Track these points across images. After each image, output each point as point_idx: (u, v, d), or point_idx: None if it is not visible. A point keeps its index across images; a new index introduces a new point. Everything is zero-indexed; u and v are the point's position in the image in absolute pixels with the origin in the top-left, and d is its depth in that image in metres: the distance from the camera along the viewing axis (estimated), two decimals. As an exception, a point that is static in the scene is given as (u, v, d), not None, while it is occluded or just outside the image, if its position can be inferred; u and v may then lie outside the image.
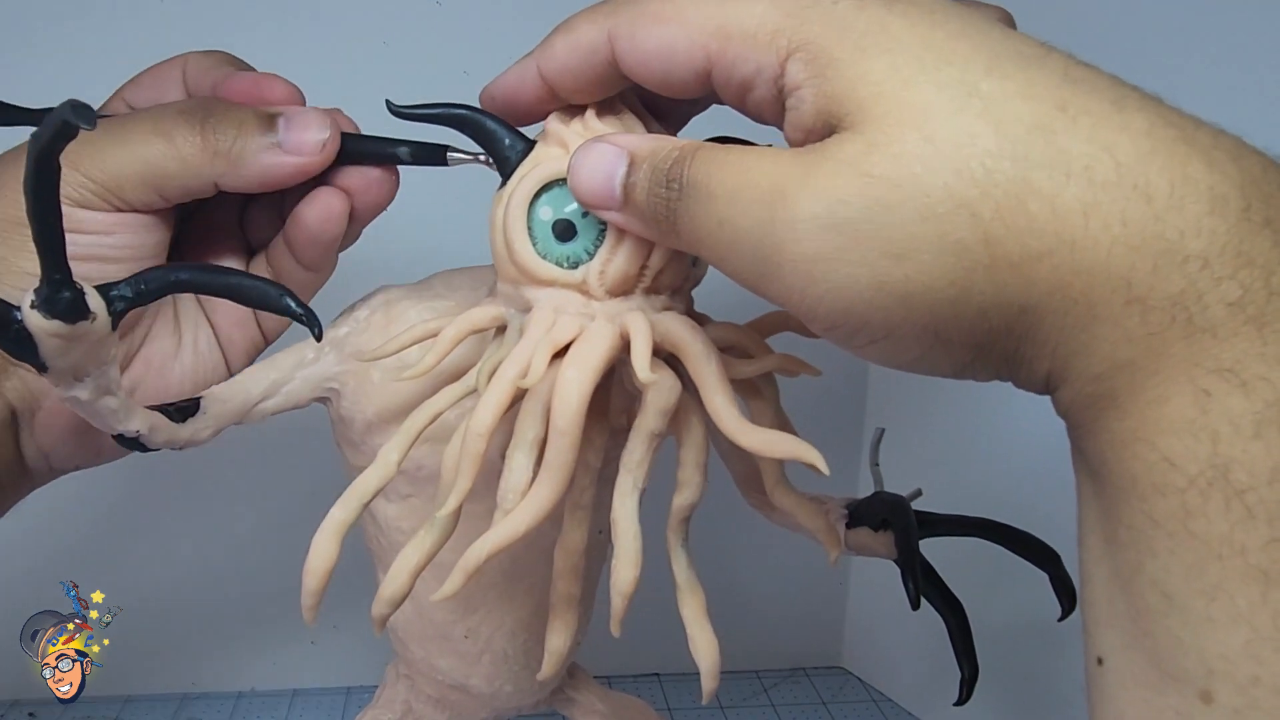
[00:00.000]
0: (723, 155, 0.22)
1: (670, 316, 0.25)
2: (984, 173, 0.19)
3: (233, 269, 0.26)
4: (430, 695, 0.39)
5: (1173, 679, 0.19)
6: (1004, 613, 0.46)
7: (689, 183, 0.22)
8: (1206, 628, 0.19)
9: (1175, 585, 0.19)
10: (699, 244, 0.22)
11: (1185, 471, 0.19)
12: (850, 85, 0.21)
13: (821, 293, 0.20)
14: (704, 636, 0.27)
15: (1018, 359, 0.21)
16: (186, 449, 0.31)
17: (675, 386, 0.24)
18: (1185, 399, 0.19)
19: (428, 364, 0.27)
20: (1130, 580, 0.20)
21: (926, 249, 0.20)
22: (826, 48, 0.21)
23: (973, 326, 0.20)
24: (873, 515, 0.35)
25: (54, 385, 0.25)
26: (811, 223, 0.20)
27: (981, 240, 0.20)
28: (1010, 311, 0.20)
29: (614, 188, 0.23)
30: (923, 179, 0.20)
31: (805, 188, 0.20)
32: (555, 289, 0.26)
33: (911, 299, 0.20)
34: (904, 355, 0.22)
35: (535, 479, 0.24)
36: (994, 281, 0.20)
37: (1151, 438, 0.19)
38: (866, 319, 0.21)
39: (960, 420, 0.55)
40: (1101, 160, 0.19)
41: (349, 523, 0.27)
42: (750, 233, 0.21)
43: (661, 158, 0.23)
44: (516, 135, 0.27)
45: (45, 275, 0.22)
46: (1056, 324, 0.20)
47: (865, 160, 0.20)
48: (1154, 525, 0.19)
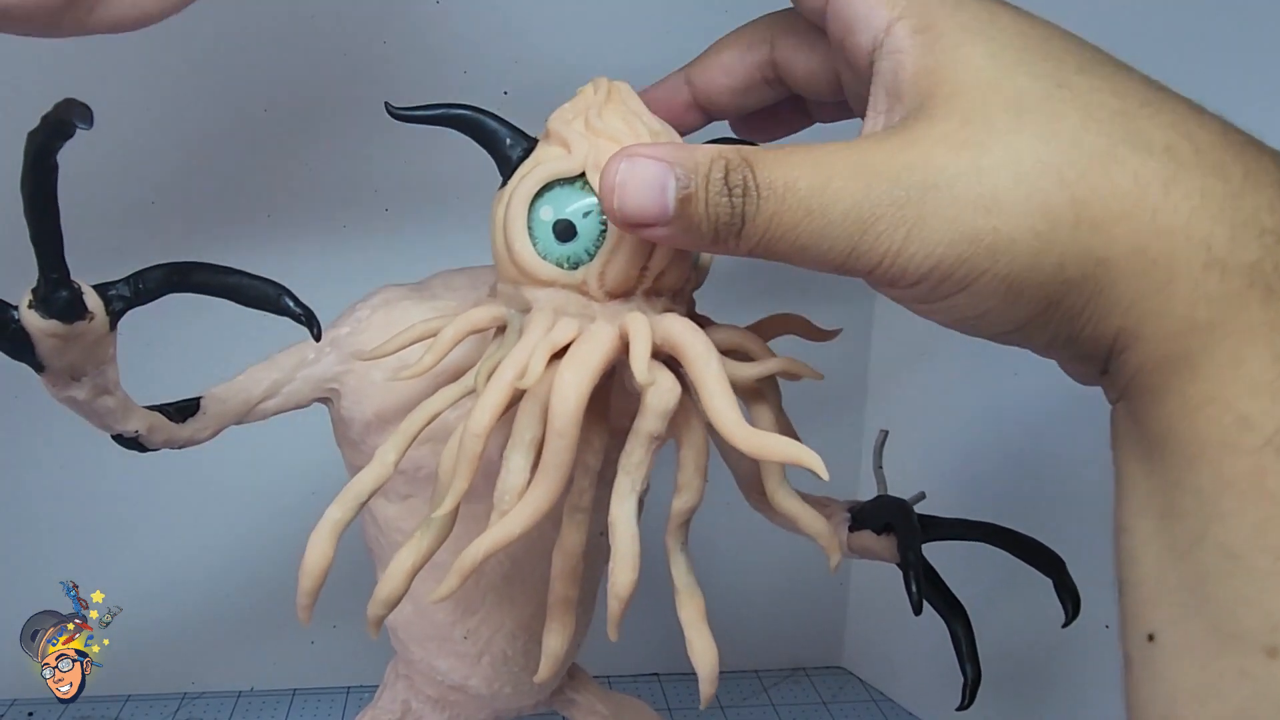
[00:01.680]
0: (787, 154, 0.22)
1: (671, 318, 0.25)
2: (1071, 143, 0.21)
3: (233, 269, 0.26)
4: (430, 696, 0.39)
5: (1234, 639, 0.20)
6: (1007, 617, 0.46)
7: (764, 184, 0.22)
8: (1273, 584, 0.20)
9: (1242, 544, 0.20)
10: (776, 241, 0.22)
11: (1261, 431, 0.20)
12: (952, 65, 0.22)
13: (914, 250, 0.21)
14: (702, 641, 0.27)
15: (1085, 315, 0.22)
16: (186, 448, 0.31)
17: (675, 389, 0.24)
18: (1263, 361, 0.20)
19: (426, 363, 0.26)
20: (1190, 550, 0.21)
21: (1016, 206, 0.21)
22: (936, 22, 0.23)
23: (1049, 278, 0.21)
24: (876, 519, 0.35)
25: (50, 385, 0.25)
26: (912, 188, 0.21)
27: (1068, 201, 0.21)
28: (1088, 264, 0.21)
29: (667, 203, 0.23)
30: (1014, 146, 0.21)
31: (901, 158, 0.22)
32: (555, 289, 0.25)
33: (997, 249, 0.21)
34: (974, 309, 0.22)
35: (532, 480, 0.24)
36: (1076, 239, 0.21)
37: (1228, 398, 0.20)
38: (951, 271, 0.21)
39: (961, 422, 0.55)
40: (1181, 144, 0.21)
41: (345, 522, 0.27)
42: (847, 213, 0.22)
43: (711, 169, 0.23)
44: (518, 134, 0.27)
45: (42, 274, 0.22)
46: (1134, 283, 0.21)
47: (960, 133, 0.22)
48: (1224, 486, 0.20)
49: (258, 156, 0.52)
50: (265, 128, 0.51)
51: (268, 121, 0.51)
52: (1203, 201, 0.21)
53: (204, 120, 0.50)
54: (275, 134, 0.51)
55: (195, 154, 0.51)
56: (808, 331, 0.31)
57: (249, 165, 0.52)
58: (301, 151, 0.52)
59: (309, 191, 0.53)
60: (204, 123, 0.50)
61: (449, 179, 0.52)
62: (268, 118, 0.51)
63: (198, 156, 0.51)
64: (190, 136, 0.50)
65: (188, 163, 0.51)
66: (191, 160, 0.51)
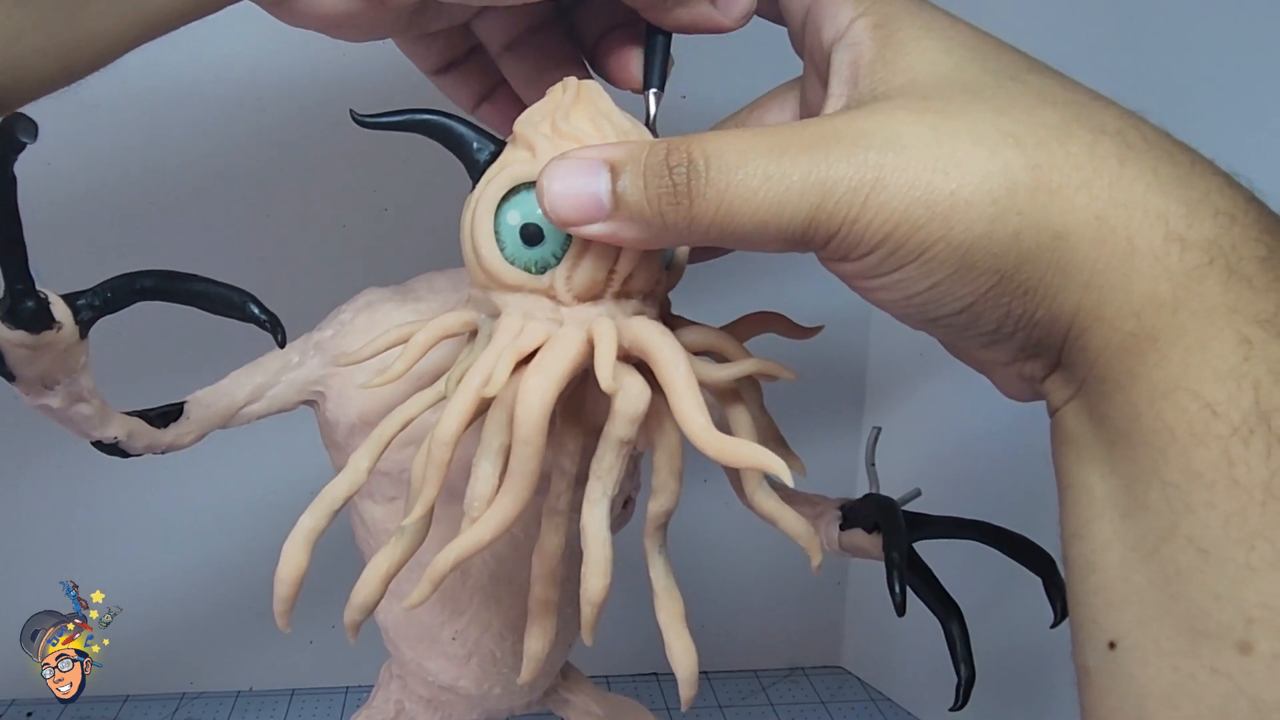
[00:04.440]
0: (737, 131, 0.22)
1: (640, 321, 0.25)
2: (1028, 117, 0.21)
3: (197, 276, 0.26)
4: (422, 696, 0.39)
5: (1206, 637, 0.20)
6: (1005, 617, 0.46)
7: (709, 157, 0.22)
8: (1246, 577, 0.19)
9: (1213, 538, 0.19)
10: (732, 216, 0.22)
11: (1228, 419, 0.19)
12: (908, 57, 0.23)
13: (871, 216, 0.21)
14: (680, 644, 0.26)
15: (1041, 292, 0.21)
16: (171, 452, 0.31)
17: (644, 393, 0.24)
18: (1227, 345, 0.20)
19: (397, 370, 0.26)
20: (1157, 548, 0.20)
21: (975, 168, 0.21)
22: (894, 19, 0.24)
23: (1003, 248, 0.21)
24: (865, 517, 0.35)
25: (24, 394, 0.25)
26: (870, 150, 0.21)
27: (1026, 166, 0.21)
28: (1044, 236, 0.21)
29: (600, 199, 0.22)
30: (972, 116, 0.22)
31: (859, 125, 0.22)
32: (523, 294, 0.25)
33: (953, 215, 0.21)
34: (925, 281, 0.22)
35: (500, 488, 0.24)
36: (1034, 205, 0.21)
37: (1193, 385, 0.20)
38: (907, 238, 0.21)
39: (958, 421, 0.54)
40: (1130, 131, 0.22)
41: (319, 530, 0.26)
42: (806, 177, 0.21)
43: (649, 155, 0.22)
44: (485, 138, 0.26)
45: (7, 286, 0.22)
46: (1093, 252, 0.21)
47: (919, 105, 0.22)
48: (1193, 478, 0.20)
49: (258, 156, 0.52)
50: (265, 127, 0.51)
51: (267, 121, 0.51)
52: (1156, 179, 0.21)
53: (204, 120, 0.50)
54: (275, 134, 0.51)
55: (195, 154, 0.51)
56: (788, 330, 0.31)
57: (249, 165, 0.52)
58: (301, 151, 0.52)
59: (309, 191, 0.53)
60: (204, 122, 0.50)
61: (449, 179, 0.52)
62: (267, 117, 0.51)
63: (197, 156, 0.51)
64: (190, 136, 0.51)
65: (187, 163, 0.51)
66: (191, 160, 0.51)
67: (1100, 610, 0.22)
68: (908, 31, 0.23)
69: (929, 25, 0.23)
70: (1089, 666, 0.22)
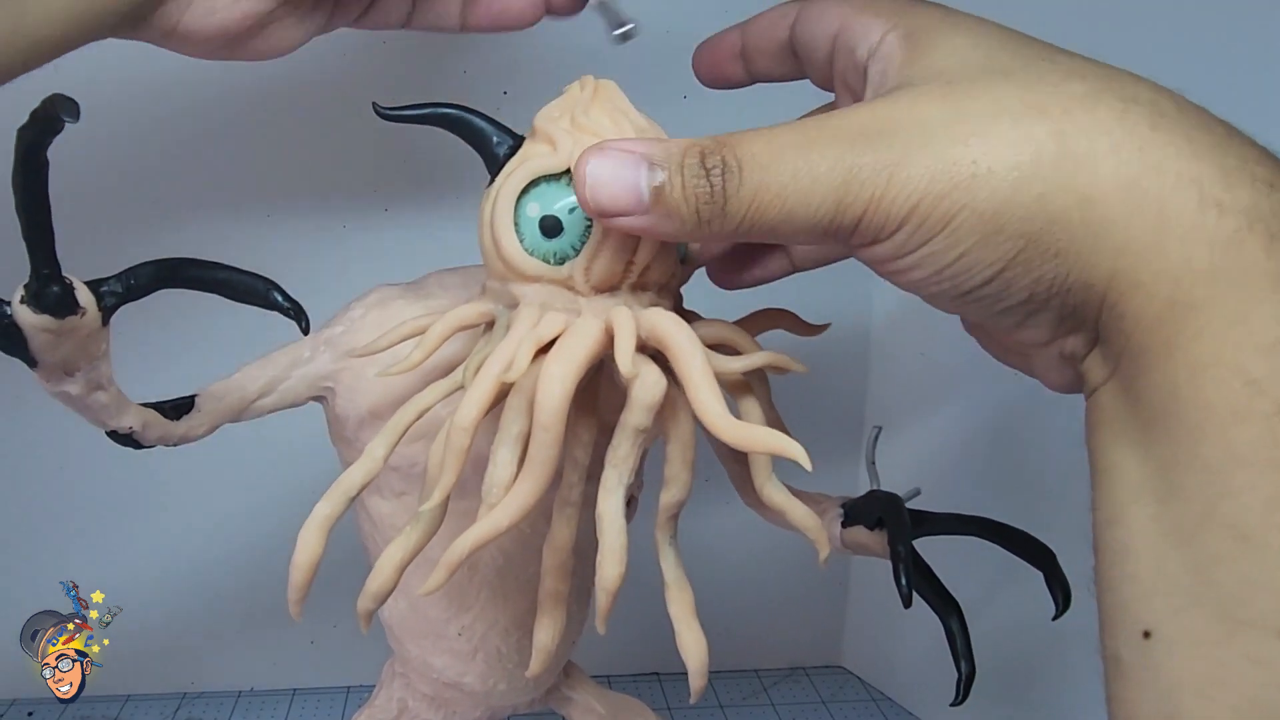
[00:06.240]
0: (768, 130, 0.23)
1: (656, 312, 0.25)
2: (1054, 90, 0.21)
3: (222, 264, 0.26)
4: (426, 694, 0.39)
5: (1244, 624, 0.19)
6: (1002, 612, 0.46)
7: (743, 159, 0.22)
8: None
9: (1253, 522, 0.19)
10: (762, 211, 0.22)
11: (1272, 396, 0.19)
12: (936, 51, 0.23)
13: (896, 193, 0.21)
14: (691, 635, 0.27)
15: (1073, 254, 0.21)
16: (182, 445, 0.31)
17: (660, 382, 0.24)
18: (1270, 316, 0.19)
19: (414, 360, 0.27)
20: (1194, 534, 0.20)
21: (996, 137, 0.21)
22: (923, 26, 0.24)
23: (1030, 211, 0.21)
24: (868, 514, 0.35)
25: (44, 380, 0.25)
26: (895, 134, 0.21)
27: (1051, 133, 0.21)
28: (1070, 199, 0.21)
29: (640, 193, 0.23)
30: (997, 92, 0.22)
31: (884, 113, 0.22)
32: (542, 285, 0.26)
33: (975, 183, 0.21)
34: (952, 252, 0.22)
35: (519, 474, 0.24)
36: (1060, 169, 0.21)
37: (1235, 359, 0.19)
38: (931, 210, 0.21)
39: (959, 420, 0.55)
40: (1163, 101, 0.21)
41: (334, 517, 0.27)
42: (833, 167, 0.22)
43: (684, 154, 0.23)
44: (505, 132, 0.27)
45: (34, 270, 0.22)
46: (1126, 217, 0.20)
47: (944, 90, 0.22)
48: (1233, 459, 0.19)
49: (258, 155, 0.52)
50: (265, 127, 0.51)
51: (268, 120, 0.51)
52: (1190, 146, 0.20)
53: (204, 119, 0.50)
54: (275, 133, 0.51)
55: (195, 153, 0.51)
56: (796, 327, 0.31)
57: (249, 164, 0.52)
58: (301, 151, 0.52)
59: (309, 191, 0.53)
60: (204, 122, 0.50)
61: (449, 179, 0.52)
62: (267, 117, 0.51)
63: (198, 155, 0.51)
64: (190, 135, 0.51)
65: (188, 162, 0.51)
66: (191, 159, 0.51)
67: (1133, 598, 0.21)
68: (938, 30, 0.24)
69: (958, 25, 0.24)
70: (1120, 656, 0.22)
